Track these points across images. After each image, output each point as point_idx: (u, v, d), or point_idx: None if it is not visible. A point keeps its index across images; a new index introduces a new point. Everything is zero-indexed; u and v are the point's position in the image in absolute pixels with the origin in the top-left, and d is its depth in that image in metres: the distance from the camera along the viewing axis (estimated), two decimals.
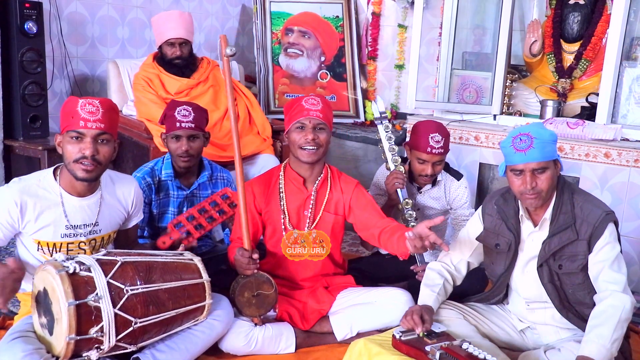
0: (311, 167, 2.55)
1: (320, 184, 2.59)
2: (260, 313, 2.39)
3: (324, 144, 2.50)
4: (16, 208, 2.06)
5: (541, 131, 2.06)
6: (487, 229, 2.29)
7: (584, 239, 2.08)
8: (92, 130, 2.05)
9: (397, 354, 2.00)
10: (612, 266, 2.04)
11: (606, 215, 2.07)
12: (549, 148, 2.05)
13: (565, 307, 2.16)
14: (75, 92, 4.15)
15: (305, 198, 2.58)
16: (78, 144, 2.06)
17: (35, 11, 3.62)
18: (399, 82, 5.05)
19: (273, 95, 4.89)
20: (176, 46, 3.64)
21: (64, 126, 2.08)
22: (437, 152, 2.77)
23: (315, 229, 2.59)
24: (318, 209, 2.59)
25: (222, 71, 2.31)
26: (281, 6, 5.03)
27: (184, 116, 2.71)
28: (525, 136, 2.04)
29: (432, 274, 2.33)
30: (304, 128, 2.47)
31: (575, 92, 4.09)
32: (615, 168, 3.32)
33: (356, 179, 2.68)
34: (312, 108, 2.46)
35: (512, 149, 2.06)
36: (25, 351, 1.86)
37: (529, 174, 2.05)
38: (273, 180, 2.61)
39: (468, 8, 4.35)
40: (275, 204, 2.58)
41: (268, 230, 2.62)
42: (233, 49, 2.26)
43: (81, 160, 2.06)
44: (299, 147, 2.48)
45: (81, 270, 1.91)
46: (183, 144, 2.71)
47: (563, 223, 2.11)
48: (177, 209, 2.81)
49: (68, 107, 2.08)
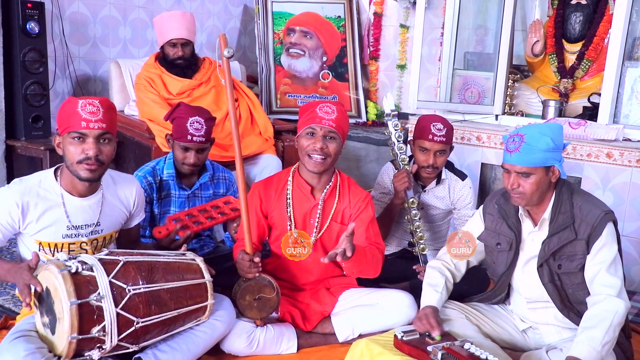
0: (319, 176, 2.49)
1: (328, 194, 2.53)
2: (262, 316, 2.38)
3: (333, 155, 2.42)
4: (17, 209, 2.06)
5: (536, 137, 2.03)
6: (488, 228, 2.30)
7: (582, 239, 2.08)
8: (94, 130, 2.05)
9: (399, 354, 2.00)
10: (609, 269, 2.04)
11: (605, 214, 2.07)
12: (538, 155, 2.03)
13: (567, 306, 2.16)
14: (77, 92, 4.16)
15: (312, 207, 2.53)
16: (80, 144, 2.05)
17: (37, 11, 3.63)
18: (400, 82, 5.05)
19: (275, 96, 4.89)
20: (178, 46, 3.64)
21: (63, 127, 2.07)
22: (439, 140, 2.77)
23: (321, 239, 2.55)
24: (325, 218, 2.54)
25: (220, 70, 2.29)
26: (283, 6, 5.03)
27: (196, 130, 2.69)
28: (518, 137, 2.04)
29: (433, 272, 2.33)
30: (314, 135, 2.40)
31: (577, 92, 4.08)
32: (617, 168, 3.31)
33: (367, 191, 2.63)
34: (325, 116, 2.39)
35: (505, 146, 2.08)
36: (28, 350, 1.86)
37: (514, 174, 2.07)
38: (281, 185, 2.56)
39: (470, 8, 4.35)
40: (282, 209, 2.54)
41: (274, 234, 2.59)
42: (231, 51, 2.22)
43: (85, 161, 2.06)
44: (306, 154, 2.42)
45: (83, 270, 1.91)
46: (192, 157, 2.71)
47: (562, 223, 2.11)
48: (178, 209, 2.80)
49: (67, 108, 2.07)
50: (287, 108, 4.87)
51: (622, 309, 1.98)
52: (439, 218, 3.05)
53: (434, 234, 3.09)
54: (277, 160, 3.69)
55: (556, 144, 2.06)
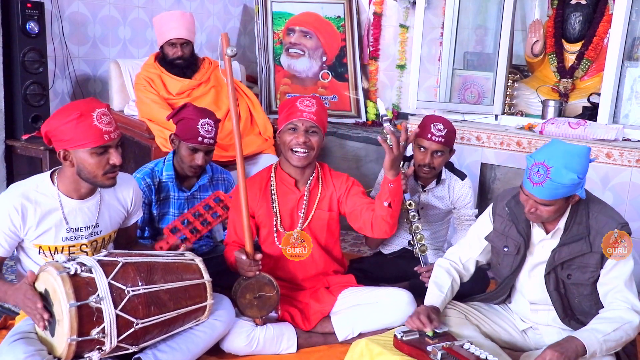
0: (302, 169, 2.53)
1: (312, 184, 2.58)
2: (262, 315, 2.39)
3: (316, 148, 2.47)
4: (17, 215, 2.05)
5: (562, 174, 1.91)
6: (496, 230, 2.26)
7: (597, 252, 2.05)
8: (115, 140, 2.08)
9: (399, 354, 2.00)
10: (627, 284, 2.02)
11: (621, 227, 2.03)
12: (561, 191, 1.95)
13: (568, 315, 2.16)
14: (77, 92, 4.16)
15: (298, 199, 2.56)
16: (104, 156, 2.06)
17: (36, 11, 3.63)
18: (400, 82, 5.04)
19: (275, 96, 4.89)
20: (178, 46, 3.64)
21: (79, 143, 2.02)
22: (437, 140, 2.78)
23: (308, 228, 2.56)
24: (310, 207, 2.57)
25: (222, 70, 2.29)
26: (283, 6, 5.03)
27: (207, 132, 2.69)
28: (544, 170, 1.93)
29: (441, 272, 2.31)
30: (296, 130, 2.45)
31: (576, 92, 4.08)
32: (617, 168, 3.31)
33: (345, 173, 2.68)
34: (305, 110, 2.44)
35: (528, 172, 1.99)
36: (27, 352, 1.86)
37: (532, 201, 2.02)
38: (264, 182, 2.59)
39: (470, 8, 4.35)
40: (268, 206, 2.56)
41: (262, 232, 2.60)
42: (234, 50, 2.23)
43: (110, 172, 2.09)
44: (290, 149, 2.47)
45: (82, 272, 1.91)
46: (200, 158, 2.71)
47: (576, 233, 2.08)
48: (177, 211, 2.80)
49: (83, 125, 2.01)
50: None
51: (636, 322, 1.96)
52: (439, 218, 3.06)
53: (434, 234, 3.09)
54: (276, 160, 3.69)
55: (581, 177, 1.95)
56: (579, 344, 1.88)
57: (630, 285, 2.03)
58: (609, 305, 2.03)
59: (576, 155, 1.95)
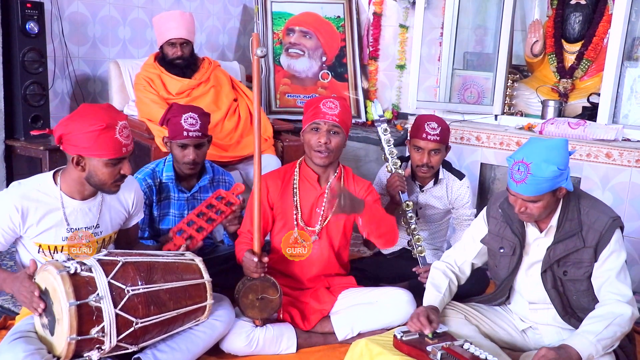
0: (324, 167, 2.58)
1: (333, 183, 2.59)
2: (263, 316, 2.39)
3: (335, 149, 2.51)
4: (17, 213, 2.06)
5: (542, 167, 1.94)
6: (491, 232, 2.28)
7: (590, 247, 2.06)
8: (130, 152, 2.13)
9: (399, 354, 2.00)
10: (618, 276, 2.03)
11: (613, 221, 2.05)
12: (544, 185, 1.97)
13: (568, 313, 2.16)
14: (77, 92, 4.16)
15: (319, 195, 2.59)
16: (117, 166, 2.10)
17: (36, 11, 3.62)
18: (400, 82, 5.04)
19: (274, 96, 4.89)
20: (177, 46, 3.64)
21: (99, 153, 2.04)
22: (432, 139, 2.79)
23: (326, 228, 2.60)
24: (331, 207, 2.57)
25: (252, 71, 2.32)
26: (282, 6, 5.03)
27: (191, 125, 2.68)
28: (523, 167, 1.96)
29: (437, 273, 2.32)
30: (318, 130, 2.49)
31: (576, 92, 4.08)
32: (617, 168, 3.31)
33: (368, 181, 2.71)
34: (328, 112, 2.48)
35: (510, 172, 2.02)
36: (27, 351, 1.86)
37: (520, 200, 2.04)
38: (288, 175, 2.63)
39: (469, 8, 4.35)
40: (289, 199, 2.59)
41: (277, 225, 2.61)
42: (264, 50, 2.23)
43: (120, 180, 2.15)
44: (312, 149, 2.51)
45: (82, 271, 1.91)
46: (190, 153, 2.70)
47: (569, 230, 2.09)
48: (178, 212, 2.80)
49: (107, 135, 2.03)
50: (286, 108, 4.87)
51: (628, 314, 1.97)
52: (438, 218, 3.06)
53: (433, 234, 3.09)
54: (276, 160, 3.69)
55: (562, 168, 1.97)
56: (573, 352, 1.89)
57: (623, 277, 2.04)
58: (601, 300, 2.04)
59: (553, 148, 1.99)
